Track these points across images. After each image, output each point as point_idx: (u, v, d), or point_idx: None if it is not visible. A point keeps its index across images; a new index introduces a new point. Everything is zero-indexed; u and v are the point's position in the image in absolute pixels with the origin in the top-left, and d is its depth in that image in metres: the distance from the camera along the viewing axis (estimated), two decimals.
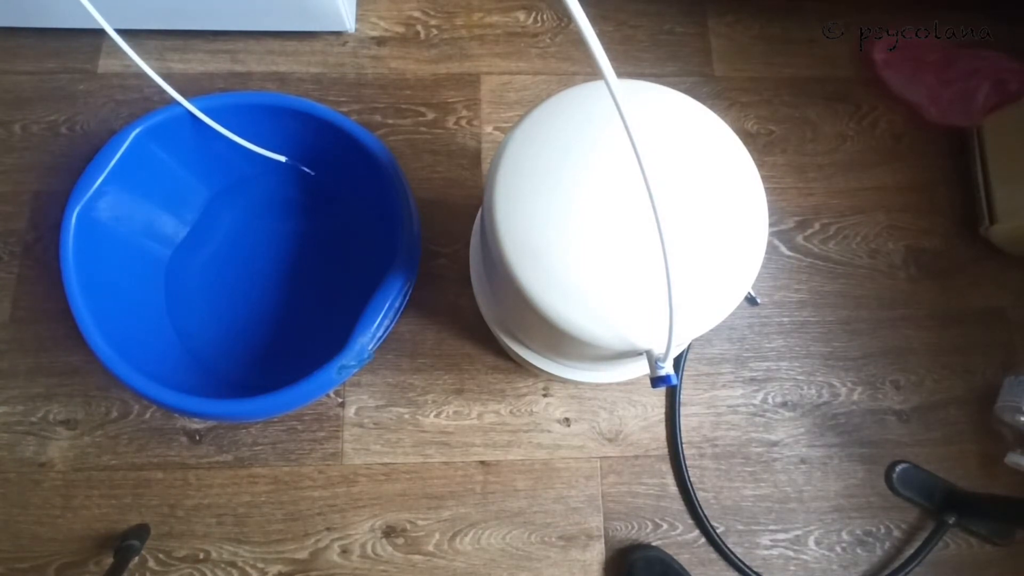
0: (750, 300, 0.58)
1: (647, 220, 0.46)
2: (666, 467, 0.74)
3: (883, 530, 0.74)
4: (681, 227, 0.46)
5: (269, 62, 0.85)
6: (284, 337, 0.73)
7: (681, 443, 0.74)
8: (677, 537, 0.72)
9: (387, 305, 0.62)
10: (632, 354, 0.49)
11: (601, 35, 0.88)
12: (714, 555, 0.72)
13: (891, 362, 0.79)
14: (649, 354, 0.47)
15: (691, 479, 0.73)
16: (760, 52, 0.89)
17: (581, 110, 0.49)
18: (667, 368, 0.46)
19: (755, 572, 0.71)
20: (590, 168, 0.47)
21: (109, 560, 0.65)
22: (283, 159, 0.73)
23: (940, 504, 0.73)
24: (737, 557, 0.71)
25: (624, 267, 0.46)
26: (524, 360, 0.65)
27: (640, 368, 0.65)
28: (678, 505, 0.73)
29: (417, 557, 0.69)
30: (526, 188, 0.47)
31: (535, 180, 0.47)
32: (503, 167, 0.48)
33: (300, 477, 0.71)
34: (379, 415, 0.73)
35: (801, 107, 0.87)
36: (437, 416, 0.74)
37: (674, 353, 0.45)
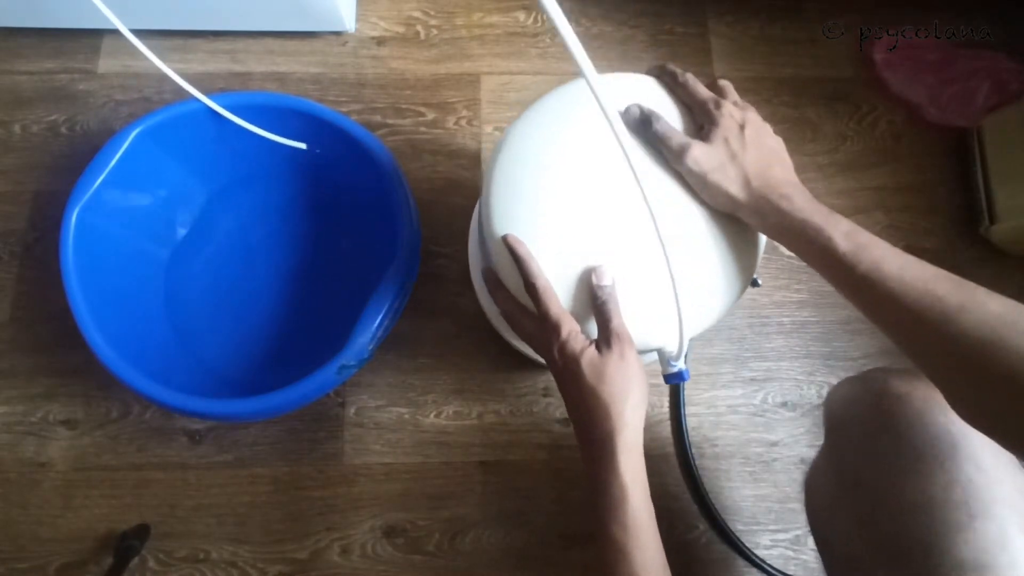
0: (752, 282, 0.58)
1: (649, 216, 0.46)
2: (667, 467, 0.74)
3: None
4: (682, 223, 0.46)
5: (269, 62, 0.85)
6: (284, 337, 0.73)
7: (689, 443, 0.74)
8: (677, 536, 0.72)
9: (387, 305, 0.62)
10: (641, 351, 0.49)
11: (601, 35, 0.88)
12: (716, 555, 0.72)
13: (891, 362, 0.79)
14: (660, 352, 0.47)
15: (699, 475, 0.72)
16: (760, 52, 0.89)
17: (580, 106, 0.49)
18: (680, 364, 0.46)
19: (769, 565, 0.70)
20: (590, 163, 0.47)
21: (109, 560, 0.65)
22: (303, 146, 0.72)
23: None
24: (749, 550, 0.70)
25: (626, 265, 0.45)
26: (527, 352, 0.65)
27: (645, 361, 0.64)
28: (678, 504, 0.73)
29: (417, 557, 0.69)
30: (525, 183, 0.47)
31: (534, 175, 0.47)
32: (501, 162, 0.48)
33: (300, 477, 0.71)
34: (379, 415, 0.73)
35: (801, 107, 0.87)
36: (437, 416, 0.74)
37: (685, 349, 0.45)
